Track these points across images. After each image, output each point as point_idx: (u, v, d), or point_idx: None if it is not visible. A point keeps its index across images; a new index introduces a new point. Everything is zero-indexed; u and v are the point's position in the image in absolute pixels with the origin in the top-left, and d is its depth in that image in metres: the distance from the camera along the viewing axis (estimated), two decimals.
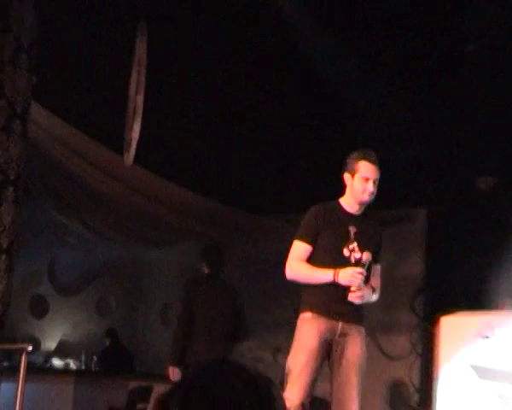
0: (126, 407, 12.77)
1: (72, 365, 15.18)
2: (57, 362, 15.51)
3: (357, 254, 7.97)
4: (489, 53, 12.69)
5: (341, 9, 12.74)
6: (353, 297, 7.91)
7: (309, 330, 7.71)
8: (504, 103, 12.50)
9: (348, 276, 7.72)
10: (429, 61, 12.93)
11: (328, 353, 7.84)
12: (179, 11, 13.02)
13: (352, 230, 7.86)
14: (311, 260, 8.14)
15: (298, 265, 8.05)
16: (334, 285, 7.90)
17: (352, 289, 7.89)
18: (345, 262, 7.86)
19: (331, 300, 7.92)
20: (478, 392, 9.32)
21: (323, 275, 7.80)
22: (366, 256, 7.94)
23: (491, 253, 13.05)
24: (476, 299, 11.20)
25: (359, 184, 7.95)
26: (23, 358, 9.65)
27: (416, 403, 13.86)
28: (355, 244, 7.84)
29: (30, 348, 10.46)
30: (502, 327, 9.41)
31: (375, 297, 8.43)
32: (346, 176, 8.31)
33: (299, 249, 8.01)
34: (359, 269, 7.88)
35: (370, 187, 7.95)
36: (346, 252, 7.79)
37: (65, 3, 12.61)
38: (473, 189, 13.42)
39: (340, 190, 8.73)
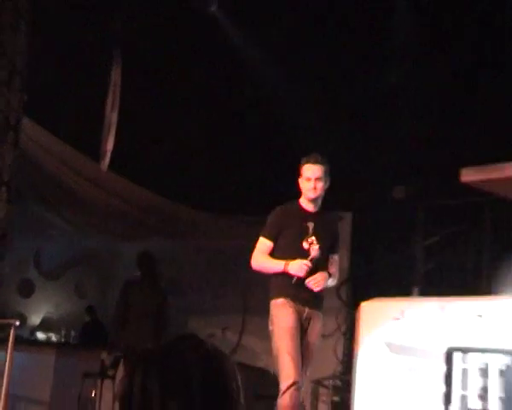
0: (99, 373, 12.89)
1: (54, 338, 15.22)
2: (41, 336, 15.57)
3: (315, 247, 7.95)
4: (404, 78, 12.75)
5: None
6: (311, 285, 7.90)
7: (285, 313, 7.70)
8: (418, 125, 12.54)
9: (296, 266, 7.68)
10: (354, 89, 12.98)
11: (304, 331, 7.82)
12: (151, 40, 13.24)
13: (311, 225, 7.79)
14: (277, 253, 8.15)
15: (260, 257, 8.05)
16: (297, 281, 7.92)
17: (308, 280, 7.88)
18: (304, 254, 7.87)
19: (298, 287, 7.85)
20: (390, 365, 9.35)
21: (277, 266, 7.80)
22: (315, 253, 7.91)
23: (403, 250, 13.28)
24: (390, 287, 11.29)
25: (304, 185, 7.94)
26: (11, 331, 9.97)
27: (339, 373, 14.19)
28: (313, 238, 7.79)
29: (17, 323, 10.66)
30: (410, 310, 9.69)
31: (331, 282, 8.40)
32: (299, 180, 8.33)
33: (262, 245, 8.01)
34: (306, 261, 7.80)
35: (312, 185, 7.88)
36: (305, 245, 7.77)
37: (52, 32, 12.69)
38: (389, 196, 13.65)
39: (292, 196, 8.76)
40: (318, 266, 7.88)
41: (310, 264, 7.92)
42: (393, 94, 12.84)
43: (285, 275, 7.94)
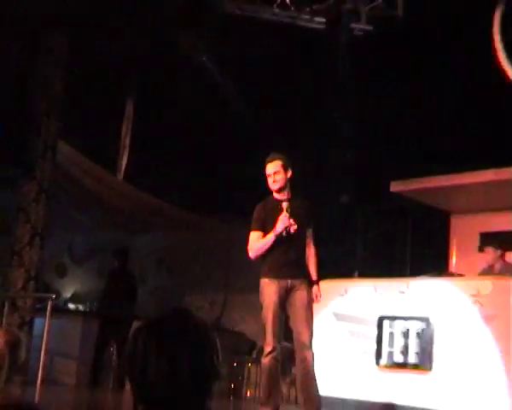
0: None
1: (81, 308, 15.03)
2: (71, 306, 15.50)
3: (288, 208, 7.23)
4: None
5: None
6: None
7: (269, 291, 7.09)
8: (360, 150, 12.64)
9: (279, 223, 7.07)
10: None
11: (284, 303, 7.10)
12: (158, 82, 13.21)
13: (285, 205, 7.15)
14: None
15: (254, 244, 7.41)
16: (281, 254, 7.18)
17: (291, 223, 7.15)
18: (286, 235, 7.16)
19: (280, 265, 7.13)
20: (335, 330, 9.86)
21: (269, 238, 7.20)
22: (285, 204, 7.15)
23: (347, 242, 13.49)
24: (337, 271, 11.04)
25: (268, 181, 7.34)
26: (49, 303, 9.93)
27: None
28: (287, 213, 7.10)
29: (54, 296, 10.81)
30: (351, 289, 9.93)
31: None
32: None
33: (254, 236, 7.38)
34: (283, 214, 7.09)
35: (272, 179, 7.28)
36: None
37: (81, 79, 12.80)
38: (337, 202, 13.30)
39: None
40: (296, 237, 7.15)
41: (287, 214, 7.16)
42: (337, 125, 12.64)
43: (273, 257, 7.23)
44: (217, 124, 13.83)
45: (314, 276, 7.27)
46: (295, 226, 7.18)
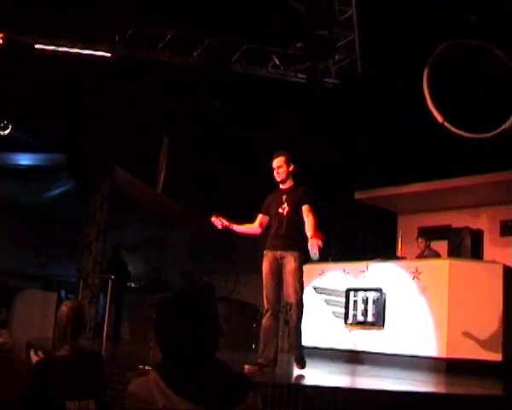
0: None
1: (133, 285, 15.04)
2: (127, 284, 15.30)
3: (286, 208, 6.32)
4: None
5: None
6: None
7: (264, 262, 6.34)
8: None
9: (214, 222, 6.51)
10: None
11: (280, 271, 6.22)
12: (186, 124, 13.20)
13: (284, 197, 6.39)
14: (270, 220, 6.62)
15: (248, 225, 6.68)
16: (275, 230, 6.42)
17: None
18: (280, 216, 6.38)
19: (272, 238, 6.39)
20: (316, 300, 9.95)
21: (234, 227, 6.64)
22: (284, 197, 6.41)
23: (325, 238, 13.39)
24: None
25: (274, 173, 6.54)
26: (110, 282, 9.59)
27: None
28: (285, 205, 6.34)
29: (113, 277, 10.90)
30: (327, 270, 10.07)
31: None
32: None
33: (258, 216, 6.58)
34: (213, 219, 6.50)
35: (275, 172, 6.49)
36: (280, 210, 6.36)
37: (132, 126, 12.88)
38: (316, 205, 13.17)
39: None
40: (287, 217, 6.30)
41: (217, 219, 6.47)
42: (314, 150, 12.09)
43: (270, 233, 6.48)
44: (227, 150, 13.76)
45: (309, 233, 6.17)
46: (221, 224, 6.46)
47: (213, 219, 6.52)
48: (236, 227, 6.67)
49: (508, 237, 11.77)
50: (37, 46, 11.38)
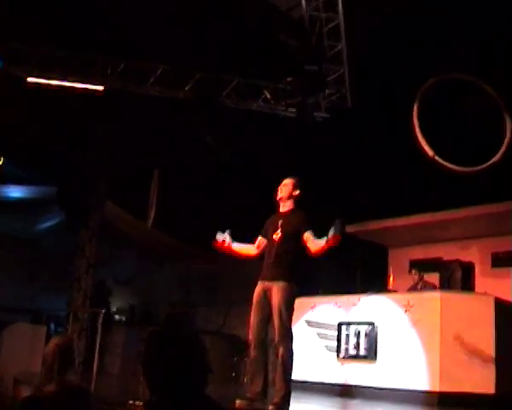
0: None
1: (124, 318, 15.09)
2: (117, 317, 15.46)
3: (277, 235, 6.05)
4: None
5: None
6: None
7: (255, 293, 6.03)
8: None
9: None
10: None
11: (269, 302, 5.87)
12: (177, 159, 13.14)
13: (280, 222, 6.09)
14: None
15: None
16: (266, 258, 6.13)
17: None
18: (272, 243, 6.03)
19: (263, 268, 6.09)
20: (308, 333, 9.87)
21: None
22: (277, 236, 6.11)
23: (315, 269, 13.38)
24: (309, 290, 10.74)
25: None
26: (100, 316, 9.64)
27: None
28: (279, 231, 5.99)
29: (104, 310, 10.78)
30: (318, 303, 9.97)
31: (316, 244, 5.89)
32: None
33: (257, 239, 6.32)
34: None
35: (279, 188, 6.22)
36: (274, 236, 6.03)
37: (122, 159, 12.78)
38: None
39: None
40: (279, 244, 6.02)
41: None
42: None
43: (263, 262, 6.19)
44: (218, 183, 13.69)
45: (323, 242, 5.73)
46: (223, 241, 6.27)
47: (219, 235, 6.31)
48: (235, 246, 6.39)
49: (499, 268, 11.73)
50: (29, 79, 11.38)
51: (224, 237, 6.31)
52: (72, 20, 10.69)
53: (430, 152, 10.23)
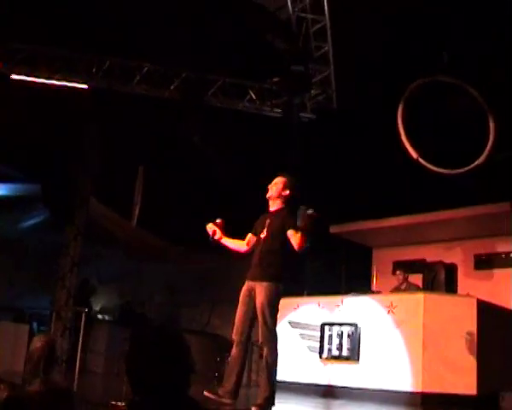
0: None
1: (107, 318, 15.03)
2: (100, 316, 15.34)
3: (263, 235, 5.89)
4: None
5: None
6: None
7: (241, 290, 5.96)
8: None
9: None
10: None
11: (252, 302, 5.80)
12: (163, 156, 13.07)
13: (267, 222, 6.01)
14: None
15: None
16: (252, 257, 6.08)
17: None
18: (258, 242, 6.02)
19: (249, 268, 6.03)
20: (291, 334, 9.86)
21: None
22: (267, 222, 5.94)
23: (299, 269, 13.50)
24: (292, 291, 10.96)
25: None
26: (83, 315, 9.72)
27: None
28: (265, 230, 5.89)
29: (87, 309, 10.73)
30: (302, 304, 9.98)
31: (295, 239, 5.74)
32: None
33: (247, 235, 6.22)
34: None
35: (269, 186, 6.17)
36: (261, 235, 5.93)
37: (110, 157, 12.74)
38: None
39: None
40: (264, 244, 5.95)
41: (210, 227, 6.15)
42: None
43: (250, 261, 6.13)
44: (204, 182, 13.69)
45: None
46: (213, 234, 6.16)
47: (209, 226, 6.20)
48: (225, 240, 6.29)
49: (481, 270, 11.81)
50: (13, 77, 11.31)
51: (213, 228, 6.20)
52: (57, 18, 10.62)
53: (414, 154, 10.28)
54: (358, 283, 11.84)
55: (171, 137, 12.59)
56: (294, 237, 5.82)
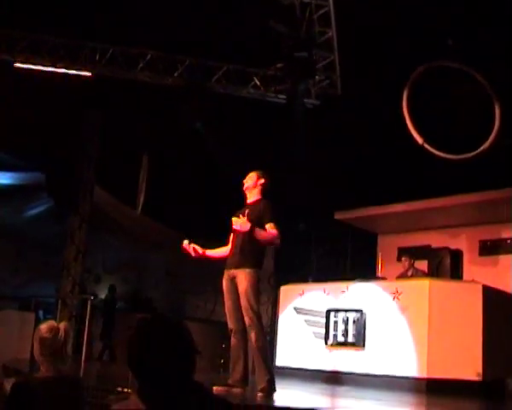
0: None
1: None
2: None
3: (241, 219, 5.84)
4: None
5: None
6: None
7: (223, 280, 6.07)
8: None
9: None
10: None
11: (235, 290, 5.89)
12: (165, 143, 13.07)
13: (246, 211, 6.00)
14: None
15: None
16: (230, 248, 6.17)
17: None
18: (237, 232, 6.01)
19: (228, 256, 6.08)
20: (296, 320, 9.88)
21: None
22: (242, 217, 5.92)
23: (302, 257, 13.52)
24: (297, 277, 11.05)
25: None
26: (89, 303, 9.95)
27: (269, 324, 12.76)
28: (245, 219, 5.80)
29: (92, 297, 10.84)
30: (307, 290, 9.97)
31: (259, 235, 5.89)
32: None
33: (230, 237, 6.27)
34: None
35: (244, 180, 6.30)
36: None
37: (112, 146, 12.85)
38: (296, 229, 13.08)
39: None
40: (247, 235, 5.91)
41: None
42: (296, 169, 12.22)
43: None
44: (207, 169, 13.67)
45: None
46: (194, 252, 6.20)
47: (185, 243, 6.22)
48: (209, 252, 6.37)
49: (487, 256, 11.83)
50: (16, 65, 11.32)
51: (191, 250, 6.20)
52: (60, 6, 10.61)
53: (419, 139, 10.27)
54: (363, 269, 11.83)
55: (175, 125, 12.48)
56: (269, 232, 5.92)
